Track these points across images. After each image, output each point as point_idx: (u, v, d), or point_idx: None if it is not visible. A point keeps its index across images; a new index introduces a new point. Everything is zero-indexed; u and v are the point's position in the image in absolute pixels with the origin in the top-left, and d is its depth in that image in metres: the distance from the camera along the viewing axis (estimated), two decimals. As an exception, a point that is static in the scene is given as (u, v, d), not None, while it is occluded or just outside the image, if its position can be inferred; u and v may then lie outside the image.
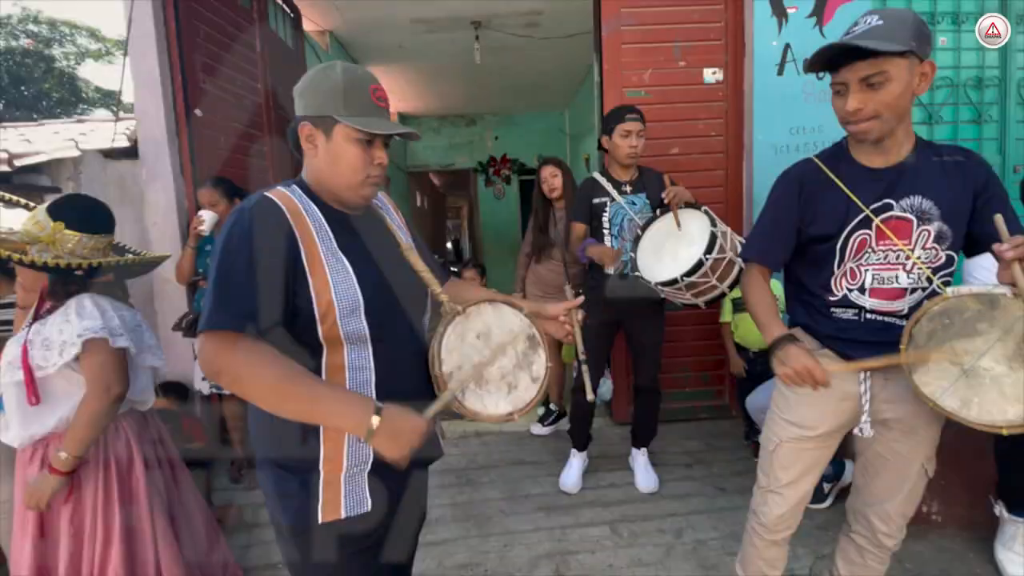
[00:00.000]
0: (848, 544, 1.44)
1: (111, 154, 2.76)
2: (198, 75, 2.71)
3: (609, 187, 2.23)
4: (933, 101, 2.93)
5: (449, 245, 13.47)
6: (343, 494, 0.97)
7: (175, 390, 2.65)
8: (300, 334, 0.93)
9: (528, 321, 1.11)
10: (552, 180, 2.83)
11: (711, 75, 2.82)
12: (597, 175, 2.28)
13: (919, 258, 1.17)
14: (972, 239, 1.19)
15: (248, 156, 3.08)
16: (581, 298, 1.18)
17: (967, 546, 1.92)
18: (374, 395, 0.98)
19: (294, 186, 1.00)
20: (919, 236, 1.17)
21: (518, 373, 1.10)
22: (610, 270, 2.21)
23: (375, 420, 0.88)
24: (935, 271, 1.17)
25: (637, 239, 2.06)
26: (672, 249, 1.95)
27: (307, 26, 4.31)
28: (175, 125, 2.66)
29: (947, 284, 1.17)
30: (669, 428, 2.91)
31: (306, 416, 0.91)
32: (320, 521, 0.96)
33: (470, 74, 5.86)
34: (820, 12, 2.68)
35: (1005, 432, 1.03)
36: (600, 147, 2.31)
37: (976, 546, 1.91)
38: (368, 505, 0.99)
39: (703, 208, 1.97)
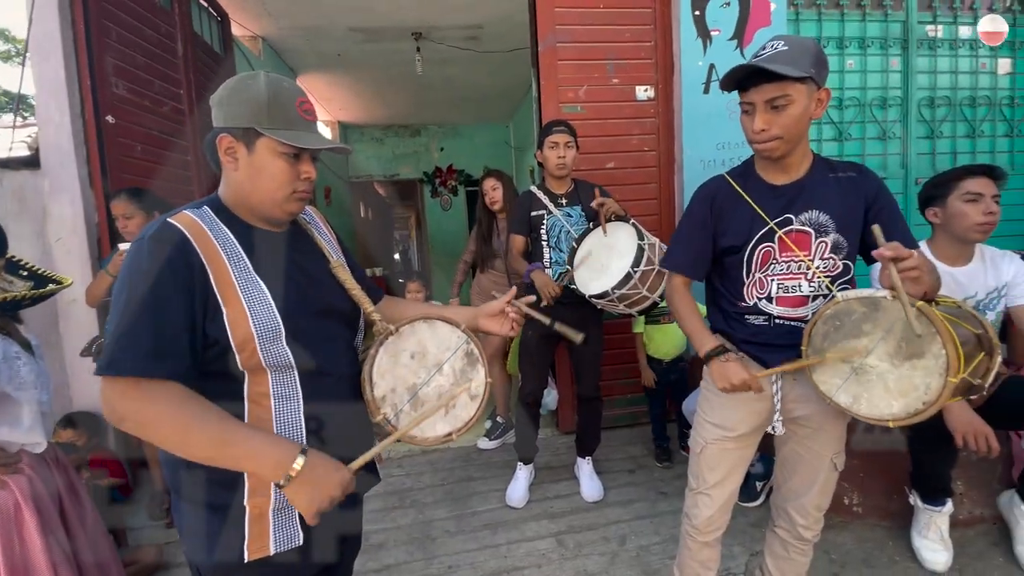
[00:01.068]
0: (773, 539, 1.52)
1: (8, 164, 2.50)
2: (110, 79, 2.52)
3: (546, 200, 2.25)
4: (843, 120, 3.18)
5: (397, 256, 13.23)
6: (272, 528, 0.91)
7: (85, 421, 2.43)
8: (217, 365, 0.87)
9: (466, 336, 1.09)
10: (493, 193, 2.84)
11: (643, 92, 2.92)
12: (534, 188, 2.30)
13: (818, 268, 1.26)
14: (867, 248, 1.28)
15: (170, 166, 2.88)
16: (514, 289, 1.18)
17: (886, 535, 2.05)
18: (303, 423, 0.93)
19: (205, 207, 0.93)
20: (817, 247, 1.26)
21: (456, 392, 1.07)
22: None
23: (299, 461, 0.82)
24: (833, 279, 1.26)
25: (572, 252, 2.09)
26: (604, 262, 1.99)
27: (237, 31, 4.13)
28: (83, 133, 2.45)
29: (844, 291, 1.25)
30: (613, 435, 2.96)
31: (221, 460, 0.84)
32: (246, 560, 0.89)
33: (413, 85, 5.81)
34: (740, 35, 2.85)
35: (891, 425, 1.10)
36: (538, 162, 2.34)
37: (895, 534, 2.03)
38: (300, 539, 0.93)
39: (631, 221, 2.02)
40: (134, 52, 2.68)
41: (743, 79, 1.19)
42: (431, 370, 1.05)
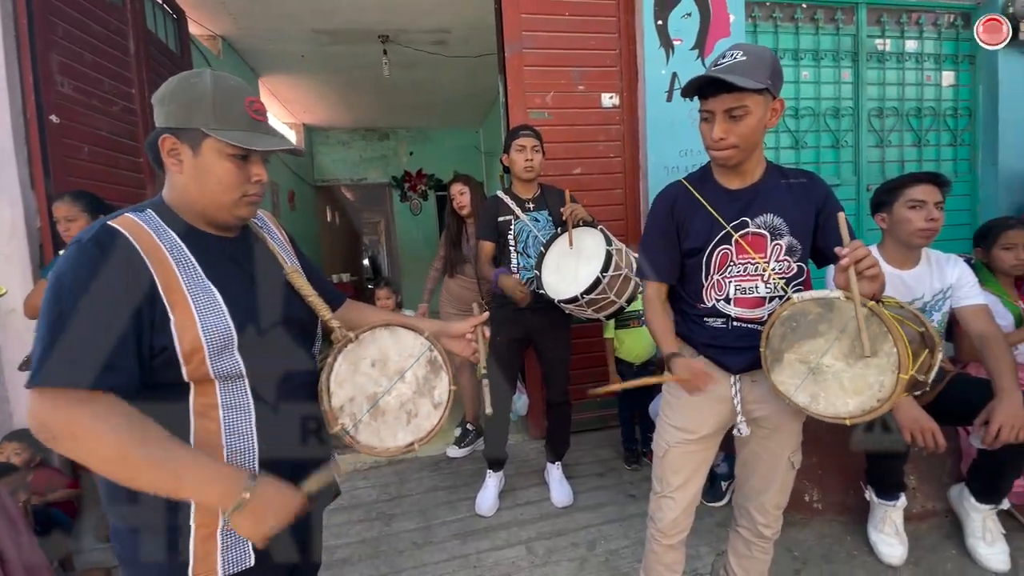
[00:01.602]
0: (736, 538, 1.56)
1: (-60, 165, 2.34)
2: (55, 77, 2.39)
3: (512, 205, 2.25)
4: (799, 128, 3.29)
5: (366, 262, 12.99)
6: (219, 550, 0.86)
7: (28, 438, 2.28)
8: (161, 375, 0.82)
9: (429, 343, 1.06)
10: (460, 198, 2.82)
11: (608, 99, 2.96)
12: (500, 193, 2.30)
13: (773, 270, 1.29)
14: (817, 251, 1.33)
15: (120, 169, 2.76)
16: (486, 314, 1.15)
17: (845, 530, 2.10)
18: (254, 434, 0.89)
19: (148, 210, 0.88)
20: (772, 250, 1.29)
21: (418, 400, 1.04)
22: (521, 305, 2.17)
23: (247, 494, 0.78)
24: (788, 281, 1.30)
25: (541, 257, 2.09)
26: (572, 267, 2.00)
27: (195, 29, 4.00)
28: (25, 133, 2.32)
29: (799, 292, 1.29)
30: (582, 438, 2.96)
31: (164, 488, 0.78)
32: None
33: (380, 88, 5.75)
34: (702, 45, 2.92)
35: (848, 423, 1.13)
36: (504, 167, 2.34)
37: (852, 529, 2.09)
38: (251, 560, 0.88)
39: (599, 226, 2.04)
40: (82, 49, 2.55)
41: (703, 87, 1.22)
42: (393, 378, 1.02)
